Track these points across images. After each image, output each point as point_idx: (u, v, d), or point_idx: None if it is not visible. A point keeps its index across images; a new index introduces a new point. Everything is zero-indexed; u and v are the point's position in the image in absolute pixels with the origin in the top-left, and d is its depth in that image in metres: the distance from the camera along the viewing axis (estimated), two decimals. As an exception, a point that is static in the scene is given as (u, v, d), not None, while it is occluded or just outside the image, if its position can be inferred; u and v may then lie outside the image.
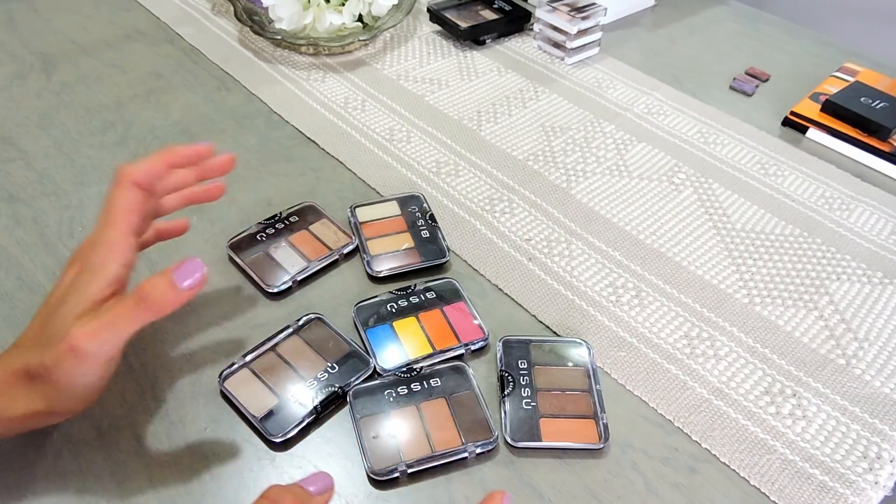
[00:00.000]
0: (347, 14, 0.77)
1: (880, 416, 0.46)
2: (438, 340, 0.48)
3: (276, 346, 0.47)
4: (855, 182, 0.65)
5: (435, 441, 0.42)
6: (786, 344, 0.51)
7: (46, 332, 0.38)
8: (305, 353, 0.47)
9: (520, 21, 0.84)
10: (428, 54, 0.80)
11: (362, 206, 0.59)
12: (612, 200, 0.62)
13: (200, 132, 0.67)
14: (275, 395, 0.44)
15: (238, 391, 0.45)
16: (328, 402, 0.44)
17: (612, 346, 0.50)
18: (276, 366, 0.46)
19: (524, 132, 0.69)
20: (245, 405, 0.44)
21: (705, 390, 0.47)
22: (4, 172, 0.62)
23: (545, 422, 0.44)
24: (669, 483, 0.42)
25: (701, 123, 0.71)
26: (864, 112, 0.68)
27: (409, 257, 0.54)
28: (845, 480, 0.43)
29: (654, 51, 0.83)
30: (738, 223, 0.60)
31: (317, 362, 0.46)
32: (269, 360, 0.46)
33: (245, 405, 0.44)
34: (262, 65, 0.77)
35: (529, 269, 0.55)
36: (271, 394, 0.45)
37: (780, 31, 0.88)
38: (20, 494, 0.40)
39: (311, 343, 0.48)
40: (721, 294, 0.54)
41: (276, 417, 0.43)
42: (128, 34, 0.81)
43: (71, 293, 0.38)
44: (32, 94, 0.71)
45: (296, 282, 0.53)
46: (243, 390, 0.45)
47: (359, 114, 0.70)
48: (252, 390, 0.45)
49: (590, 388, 0.46)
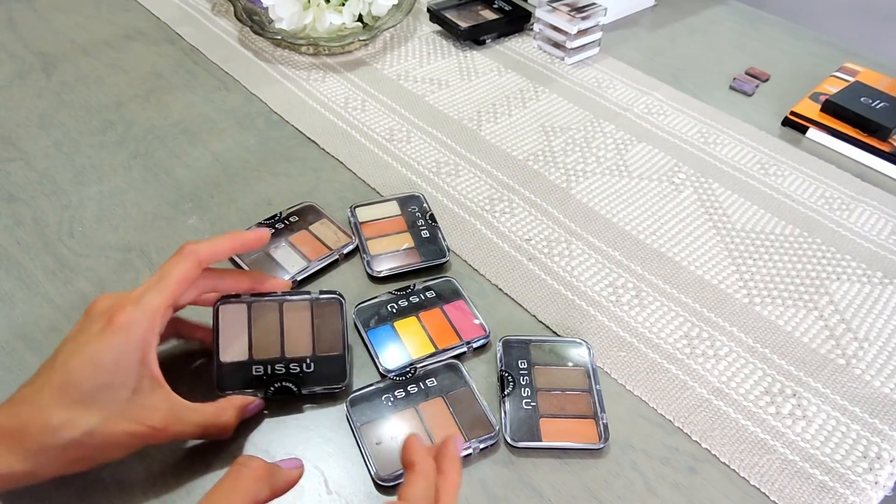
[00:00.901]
0: (347, 14, 0.77)
1: (880, 416, 0.46)
2: (440, 339, 0.48)
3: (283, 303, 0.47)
4: (855, 182, 0.65)
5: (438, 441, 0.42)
6: (786, 344, 0.51)
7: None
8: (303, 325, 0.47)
9: (520, 21, 0.84)
10: (428, 54, 0.80)
11: (362, 206, 0.59)
12: (612, 200, 0.62)
13: (200, 132, 0.67)
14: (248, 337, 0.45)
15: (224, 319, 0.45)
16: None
17: (612, 346, 0.50)
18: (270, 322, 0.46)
19: (524, 132, 0.69)
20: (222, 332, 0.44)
21: (705, 390, 0.47)
22: (4, 172, 0.62)
23: (545, 422, 0.44)
24: (669, 483, 0.42)
25: (701, 123, 0.71)
26: (864, 112, 0.68)
27: (409, 257, 0.54)
28: (845, 480, 0.43)
29: (654, 51, 0.83)
30: (738, 223, 0.60)
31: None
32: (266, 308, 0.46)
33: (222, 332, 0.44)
34: (262, 65, 0.77)
35: (529, 269, 0.55)
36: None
37: (780, 31, 0.88)
38: (20, 494, 0.40)
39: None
40: (721, 294, 0.54)
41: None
42: (128, 34, 0.81)
43: (92, 343, 0.37)
44: (32, 94, 0.71)
45: (296, 282, 0.53)
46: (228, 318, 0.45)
47: (359, 114, 0.70)
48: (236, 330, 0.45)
49: (590, 388, 0.46)
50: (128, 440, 0.37)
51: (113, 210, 0.58)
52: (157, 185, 0.61)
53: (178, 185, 0.61)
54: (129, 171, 0.62)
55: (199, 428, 0.40)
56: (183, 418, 0.39)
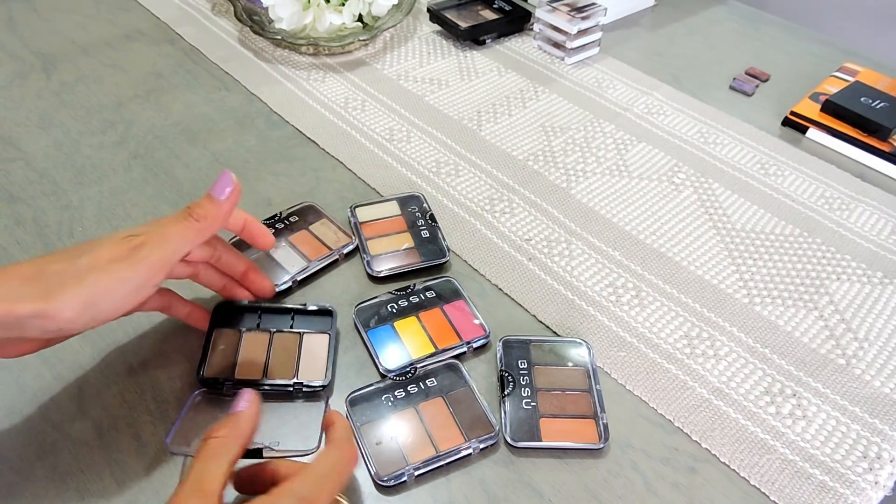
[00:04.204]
0: (347, 14, 0.77)
1: (880, 416, 0.46)
2: (440, 339, 0.48)
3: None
4: (855, 182, 0.65)
5: (438, 441, 0.42)
6: (786, 344, 0.51)
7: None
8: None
9: (520, 21, 0.84)
10: (428, 54, 0.80)
11: (362, 205, 0.59)
12: (612, 200, 0.62)
13: (200, 132, 0.67)
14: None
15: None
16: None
17: (612, 346, 0.50)
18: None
19: (524, 132, 0.69)
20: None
21: (705, 390, 0.47)
22: (4, 172, 0.62)
23: (545, 422, 0.44)
24: (669, 483, 0.42)
25: (701, 123, 0.71)
26: (864, 112, 0.68)
27: (409, 257, 0.54)
28: (845, 480, 0.43)
29: (654, 51, 0.83)
30: (738, 223, 0.60)
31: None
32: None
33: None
34: (262, 65, 0.77)
35: (529, 269, 0.55)
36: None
37: (780, 31, 0.88)
38: (20, 494, 0.40)
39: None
40: (721, 294, 0.54)
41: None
42: (128, 34, 0.82)
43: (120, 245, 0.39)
44: (32, 94, 0.71)
45: (296, 282, 0.53)
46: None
47: (359, 114, 0.70)
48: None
49: (590, 388, 0.46)
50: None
51: (113, 210, 0.58)
52: (157, 185, 0.61)
53: (178, 185, 0.61)
54: (129, 171, 0.62)
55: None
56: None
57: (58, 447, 0.42)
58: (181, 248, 0.41)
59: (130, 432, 0.43)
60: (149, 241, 0.40)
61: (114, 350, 0.48)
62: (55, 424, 0.43)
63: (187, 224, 0.41)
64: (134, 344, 0.48)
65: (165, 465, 0.42)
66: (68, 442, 0.43)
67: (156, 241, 0.40)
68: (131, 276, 0.39)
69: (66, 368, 0.47)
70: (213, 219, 0.42)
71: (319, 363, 0.46)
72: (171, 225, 0.41)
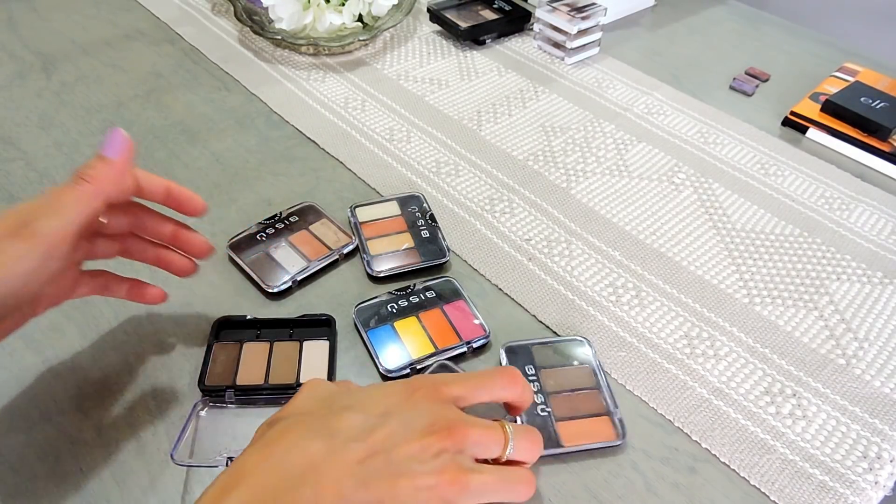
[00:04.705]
0: (347, 14, 0.77)
1: (880, 416, 0.46)
2: (440, 339, 0.48)
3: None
4: (855, 182, 0.65)
5: None
6: (786, 344, 0.51)
7: None
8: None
9: (520, 21, 0.84)
10: (428, 54, 0.80)
11: (362, 205, 0.59)
12: (612, 200, 0.62)
13: (200, 132, 0.67)
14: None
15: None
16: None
17: (612, 346, 0.50)
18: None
19: (524, 132, 0.69)
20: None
21: (705, 390, 0.47)
22: (4, 172, 0.62)
23: (562, 425, 0.44)
24: (669, 483, 0.42)
25: (701, 123, 0.71)
26: (864, 112, 0.68)
27: (409, 257, 0.54)
28: (845, 480, 0.43)
29: (654, 51, 0.83)
30: (738, 223, 0.60)
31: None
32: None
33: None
34: (262, 65, 0.77)
35: (529, 269, 0.55)
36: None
37: (780, 31, 0.88)
38: (20, 494, 0.40)
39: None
40: (721, 294, 0.54)
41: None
42: (128, 34, 0.82)
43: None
44: (32, 94, 0.71)
45: (296, 282, 0.53)
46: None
47: (359, 114, 0.70)
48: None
49: (598, 384, 0.46)
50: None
51: (113, 210, 0.58)
52: (157, 185, 0.61)
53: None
54: (129, 171, 0.62)
55: None
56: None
57: (58, 447, 0.42)
58: (76, 215, 0.38)
59: (130, 432, 0.43)
60: (40, 213, 0.37)
61: (114, 350, 0.48)
62: (55, 424, 0.43)
63: (79, 188, 0.38)
64: (134, 343, 0.48)
65: (165, 465, 0.42)
66: (68, 442, 0.43)
67: (47, 212, 0.37)
68: (26, 251, 0.36)
69: (66, 368, 0.47)
70: (105, 179, 0.39)
71: (320, 368, 0.46)
72: (62, 193, 0.38)
